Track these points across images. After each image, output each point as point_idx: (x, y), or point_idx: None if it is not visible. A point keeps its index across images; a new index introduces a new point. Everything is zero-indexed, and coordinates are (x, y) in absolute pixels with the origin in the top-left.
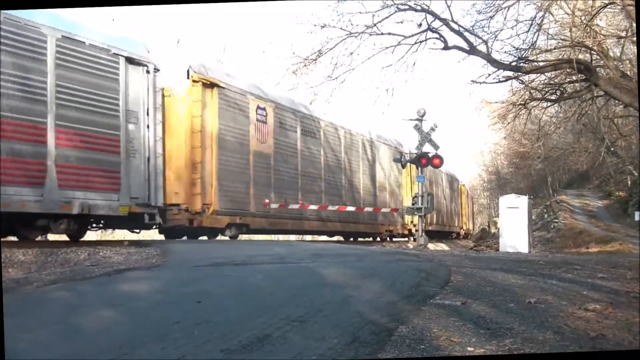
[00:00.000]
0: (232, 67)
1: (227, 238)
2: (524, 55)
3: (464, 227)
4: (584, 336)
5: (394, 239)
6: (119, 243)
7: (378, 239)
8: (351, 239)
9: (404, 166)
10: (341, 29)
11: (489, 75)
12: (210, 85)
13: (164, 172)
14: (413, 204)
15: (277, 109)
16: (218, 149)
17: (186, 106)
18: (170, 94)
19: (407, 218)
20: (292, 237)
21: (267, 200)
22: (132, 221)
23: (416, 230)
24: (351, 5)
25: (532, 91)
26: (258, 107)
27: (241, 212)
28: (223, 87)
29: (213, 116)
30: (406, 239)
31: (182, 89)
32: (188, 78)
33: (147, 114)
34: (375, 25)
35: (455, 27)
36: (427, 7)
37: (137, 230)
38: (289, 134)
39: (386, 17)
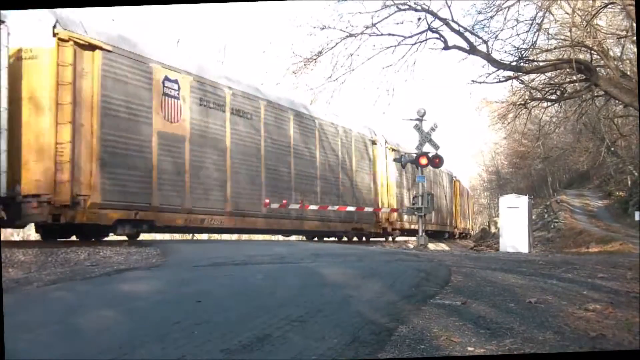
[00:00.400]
0: (232, 67)
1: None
2: (524, 55)
3: (459, 227)
4: (584, 336)
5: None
6: (119, 243)
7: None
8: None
9: (404, 166)
10: (341, 29)
11: (489, 75)
12: (89, 47)
13: (13, 153)
14: (413, 204)
15: (197, 82)
16: (101, 127)
17: (51, 71)
18: (31, 55)
19: (382, 215)
20: (293, 237)
21: (267, 201)
22: None
23: (393, 230)
24: (351, 5)
25: (532, 91)
26: (166, 79)
27: (139, 205)
28: (109, 51)
29: (94, 86)
30: (383, 239)
31: (46, 50)
32: (54, 36)
33: None
34: (375, 25)
35: (456, 27)
36: (427, 7)
37: None
38: (213, 114)
39: (386, 17)
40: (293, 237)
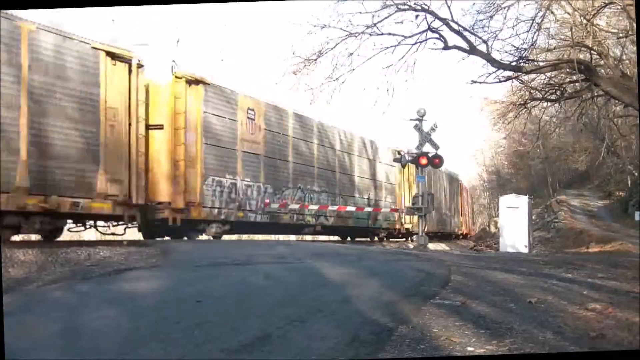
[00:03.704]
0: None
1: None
2: (524, 55)
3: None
4: (584, 336)
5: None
6: (119, 243)
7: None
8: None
9: (404, 166)
10: (341, 29)
11: (489, 75)
12: (195, 82)
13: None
14: (413, 204)
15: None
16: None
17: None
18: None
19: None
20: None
21: (267, 201)
22: None
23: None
24: (351, 5)
25: (532, 91)
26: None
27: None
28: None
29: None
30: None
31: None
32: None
33: None
34: (375, 25)
35: (455, 27)
36: (427, 7)
37: None
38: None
39: (386, 17)
40: (293, 237)
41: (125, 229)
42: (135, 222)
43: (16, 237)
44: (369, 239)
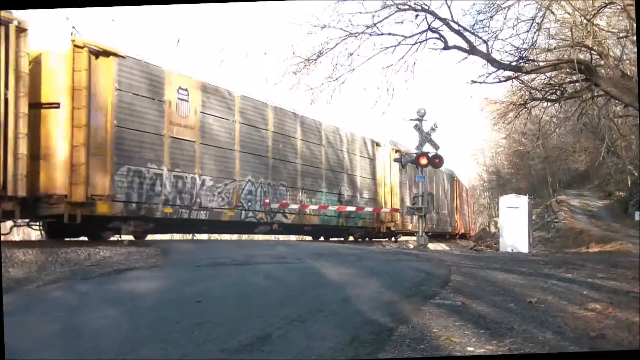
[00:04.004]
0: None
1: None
2: (524, 55)
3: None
4: (584, 336)
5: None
6: (119, 243)
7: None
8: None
9: (404, 166)
10: (341, 29)
11: (489, 75)
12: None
13: None
14: (413, 204)
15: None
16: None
17: None
18: None
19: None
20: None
21: (267, 200)
22: None
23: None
24: (351, 5)
25: (532, 91)
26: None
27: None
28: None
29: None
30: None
31: None
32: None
33: None
34: (375, 25)
35: (455, 27)
36: (427, 7)
37: None
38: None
39: (386, 17)
40: (293, 237)
41: (11, 228)
42: (15, 219)
43: (16, 237)
44: (343, 239)
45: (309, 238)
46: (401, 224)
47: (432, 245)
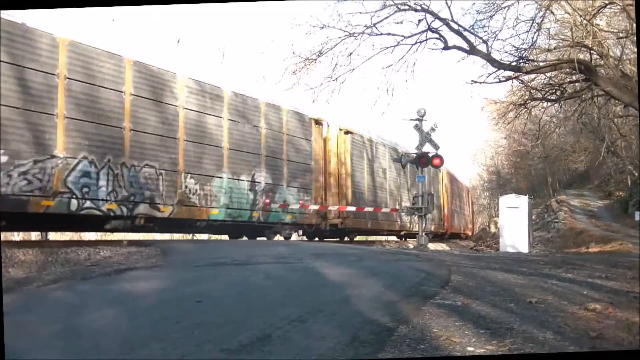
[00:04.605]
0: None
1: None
2: (524, 55)
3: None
4: (584, 336)
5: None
6: (119, 243)
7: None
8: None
9: (404, 166)
10: (340, 29)
11: (489, 75)
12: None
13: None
14: (413, 204)
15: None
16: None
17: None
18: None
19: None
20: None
21: (267, 200)
22: None
23: None
24: (351, 5)
25: (532, 91)
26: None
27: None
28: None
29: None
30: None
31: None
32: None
33: None
34: (374, 25)
35: (455, 27)
36: (427, 7)
37: None
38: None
39: (386, 17)
40: (294, 237)
41: None
42: None
43: (16, 237)
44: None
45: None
46: (351, 220)
47: (432, 246)
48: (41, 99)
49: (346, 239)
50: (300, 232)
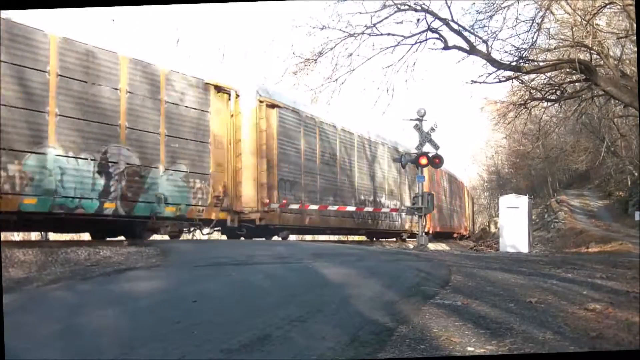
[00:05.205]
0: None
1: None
2: (524, 55)
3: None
4: (584, 336)
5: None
6: (119, 243)
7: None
8: None
9: (404, 166)
10: (340, 30)
11: (489, 75)
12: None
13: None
14: (413, 204)
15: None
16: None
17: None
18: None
19: None
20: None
21: (267, 200)
22: None
23: None
24: (350, 5)
25: (532, 91)
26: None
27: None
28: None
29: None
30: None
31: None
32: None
33: None
34: (374, 25)
35: (455, 27)
36: (426, 7)
37: None
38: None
39: (386, 18)
40: (293, 237)
41: None
42: None
43: (16, 237)
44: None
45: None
46: (277, 215)
47: (432, 246)
48: None
49: (276, 238)
50: (206, 230)
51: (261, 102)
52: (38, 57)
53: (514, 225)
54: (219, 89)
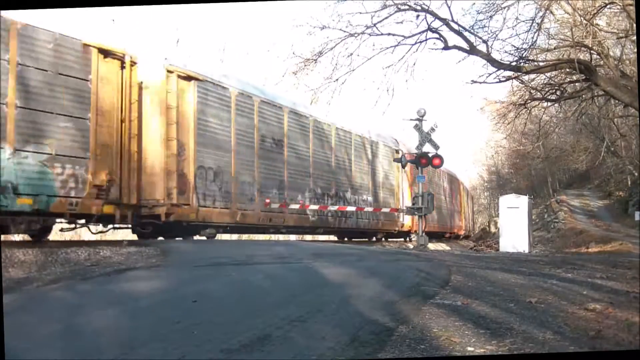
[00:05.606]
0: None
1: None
2: (524, 55)
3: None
4: (584, 336)
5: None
6: (119, 243)
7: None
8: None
9: (404, 166)
10: (341, 29)
11: (489, 75)
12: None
13: None
14: (413, 204)
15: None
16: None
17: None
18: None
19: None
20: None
21: (267, 200)
22: None
23: None
24: (351, 5)
25: (532, 91)
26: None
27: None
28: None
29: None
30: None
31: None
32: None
33: None
34: (375, 25)
35: (455, 27)
36: (427, 7)
37: None
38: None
39: (386, 18)
40: (293, 237)
41: None
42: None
43: (16, 237)
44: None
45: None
46: (193, 210)
47: (432, 246)
48: None
49: (198, 237)
50: (96, 227)
51: (170, 72)
52: None
53: (514, 225)
54: (105, 53)
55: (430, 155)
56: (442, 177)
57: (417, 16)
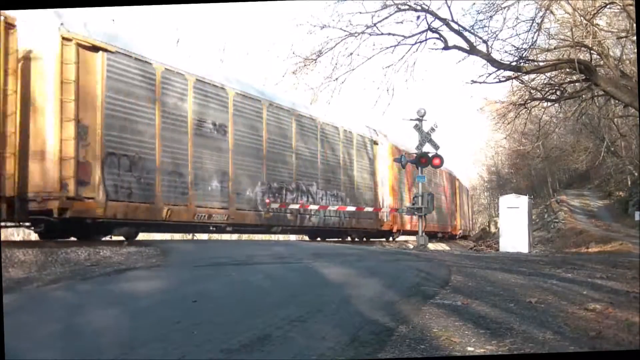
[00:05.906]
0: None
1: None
2: (524, 55)
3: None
4: (584, 336)
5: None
6: (119, 243)
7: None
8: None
9: (404, 166)
10: (341, 29)
11: (489, 75)
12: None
13: None
14: (413, 204)
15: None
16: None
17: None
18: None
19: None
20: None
21: (267, 200)
22: None
23: None
24: (351, 5)
25: (532, 91)
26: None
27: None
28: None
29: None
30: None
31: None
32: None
33: None
34: (375, 25)
35: (455, 27)
36: (427, 7)
37: None
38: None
39: (386, 17)
40: (293, 237)
41: None
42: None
43: (16, 237)
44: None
45: None
46: (100, 204)
47: (432, 246)
48: None
49: (110, 238)
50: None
51: (67, 40)
52: None
53: (514, 225)
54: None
55: (430, 155)
56: (438, 174)
57: (417, 16)
